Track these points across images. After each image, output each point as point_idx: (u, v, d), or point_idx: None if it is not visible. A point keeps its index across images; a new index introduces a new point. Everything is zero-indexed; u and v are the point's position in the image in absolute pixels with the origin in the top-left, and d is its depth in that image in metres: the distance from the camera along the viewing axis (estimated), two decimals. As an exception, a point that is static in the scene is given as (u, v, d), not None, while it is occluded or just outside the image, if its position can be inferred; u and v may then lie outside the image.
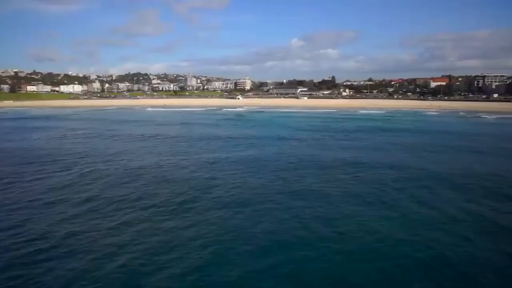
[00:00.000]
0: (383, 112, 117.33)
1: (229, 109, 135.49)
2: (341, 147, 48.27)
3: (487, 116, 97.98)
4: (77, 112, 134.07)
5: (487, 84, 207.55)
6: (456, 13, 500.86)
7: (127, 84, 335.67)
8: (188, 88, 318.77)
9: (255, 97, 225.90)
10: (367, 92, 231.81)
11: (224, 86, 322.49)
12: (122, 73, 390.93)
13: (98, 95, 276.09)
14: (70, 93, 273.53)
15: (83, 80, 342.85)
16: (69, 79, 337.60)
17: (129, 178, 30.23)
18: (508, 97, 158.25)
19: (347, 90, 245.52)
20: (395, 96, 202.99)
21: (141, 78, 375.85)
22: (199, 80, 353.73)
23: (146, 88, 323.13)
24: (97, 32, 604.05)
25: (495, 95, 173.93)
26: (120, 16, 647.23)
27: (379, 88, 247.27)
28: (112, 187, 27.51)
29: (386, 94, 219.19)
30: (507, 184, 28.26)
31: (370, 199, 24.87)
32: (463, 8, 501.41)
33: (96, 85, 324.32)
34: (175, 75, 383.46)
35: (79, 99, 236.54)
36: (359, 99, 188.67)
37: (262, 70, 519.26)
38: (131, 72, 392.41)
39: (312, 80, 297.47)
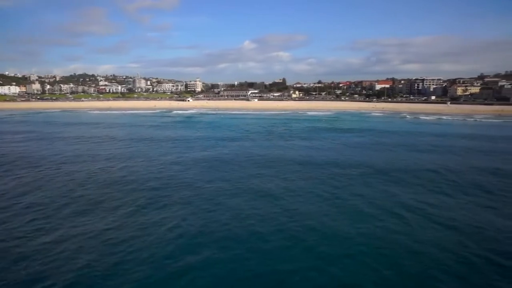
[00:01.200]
0: (330, 113, 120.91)
1: (178, 112, 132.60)
2: (289, 147, 49.41)
3: (425, 117, 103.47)
4: (12, 114, 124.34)
5: (426, 87, 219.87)
6: (399, 20, 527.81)
7: (72, 85, 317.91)
8: (137, 90, 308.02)
9: (205, 99, 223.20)
10: (316, 94, 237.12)
11: (175, 88, 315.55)
12: (67, 74, 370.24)
13: (38, 97, 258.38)
14: (5, 95, 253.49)
15: (22, 81, 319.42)
16: (6, 80, 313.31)
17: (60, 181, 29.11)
18: (444, 99, 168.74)
19: (297, 92, 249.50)
20: (343, 98, 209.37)
21: (87, 79, 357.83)
22: (149, 82, 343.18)
23: (92, 90, 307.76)
24: (38, 30, 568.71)
25: (433, 97, 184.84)
26: (64, 13, 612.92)
27: (328, 90, 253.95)
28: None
29: (334, 96, 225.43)
30: (440, 177, 31.28)
31: (310, 193, 25.99)
32: (406, 16, 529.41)
33: (36, 86, 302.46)
34: (124, 77, 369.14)
35: (16, 101, 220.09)
36: (308, 101, 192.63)
37: (214, 72, 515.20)
38: (77, 73, 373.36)
39: (263, 82, 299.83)
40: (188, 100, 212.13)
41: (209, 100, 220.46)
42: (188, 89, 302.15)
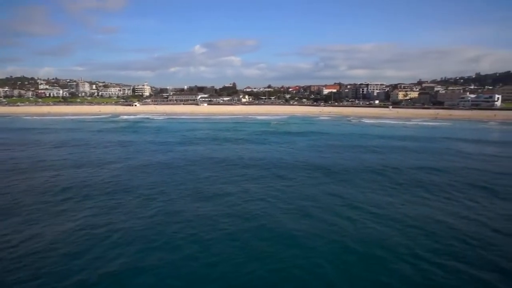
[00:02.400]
0: (279, 117, 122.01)
1: (125, 117, 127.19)
2: (236, 150, 48.88)
3: (369, 121, 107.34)
4: None
5: (370, 91, 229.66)
6: (346, 27, 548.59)
7: (7, 89, 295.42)
8: (80, 94, 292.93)
9: (153, 104, 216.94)
10: (265, 98, 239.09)
11: (121, 92, 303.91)
12: (3, 76, 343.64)
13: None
14: None
15: None
16: None
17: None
18: (386, 103, 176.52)
19: (246, 97, 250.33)
20: (291, 102, 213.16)
21: (26, 82, 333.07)
22: (94, 86, 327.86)
23: (30, 94, 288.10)
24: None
25: (376, 101, 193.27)
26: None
27: (277, 95, 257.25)
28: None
29: (283, 100, 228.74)
30: (383, 175, 32.56)
31: (255, 195, 26.01)
32: (352, 23, 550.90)
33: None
34: (68, 80, 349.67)
35: None
36: (257, 105, 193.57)
37: (165, 76, 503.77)
38: (14, 76, 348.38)
39: (213, 87, 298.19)
40: (135, 105, 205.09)
41: (157, 105, 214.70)
42: (136, 94, 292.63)
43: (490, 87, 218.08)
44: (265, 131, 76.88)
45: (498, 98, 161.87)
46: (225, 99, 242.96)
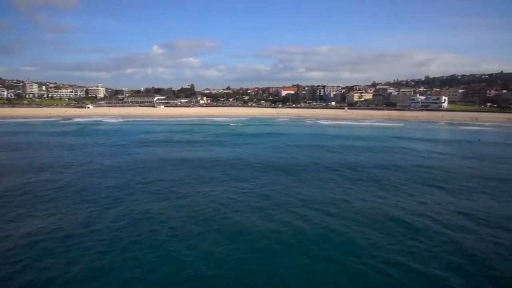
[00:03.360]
0: (236, 119, 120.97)
1: (78, 119, 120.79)
2: (192, 151, 48.19)
3: (325, 122, 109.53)
4: None
5: (327, 93, 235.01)
6: (304, 30, 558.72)
7: None
8: (27, 96, 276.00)
9: (107, 106, 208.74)
10: (223, 100, 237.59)
11: (74, 94, 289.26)
12: None
13: None
14: None
15: None
16: None
17: None
18: (342, 105, 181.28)
19: (204, 98, 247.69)
20: (250, 104, 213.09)
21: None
22: (44, 87, 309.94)
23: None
24: None
25: (333, 103, 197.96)
26: None
27: (236, 96, 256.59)
28: None
29: (242, 102, 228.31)
30: (338, 172, 32.83)
31: (210, 195, 25.60)
32: (310, 26, 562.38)
33: None
34: (14, 81, 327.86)
35: None
36: (215, 107, 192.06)
37: (121, 77, 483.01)
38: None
39: (171, 88, 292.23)
40: (88, 107, 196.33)
41: (111, 107, 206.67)
42: (89, 95, 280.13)
43: (437, 89, 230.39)
44: (223, 133, 76.24)
45: (445, 99, 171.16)
46: (183, 101, 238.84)
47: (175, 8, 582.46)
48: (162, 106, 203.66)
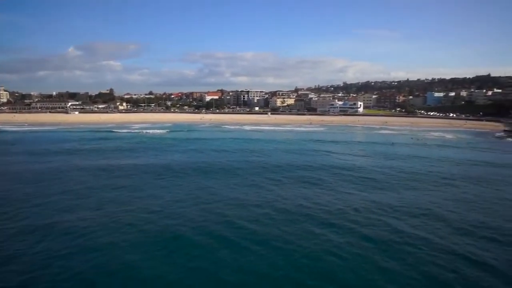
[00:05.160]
0: (159, 125, 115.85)
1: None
2: (103, 160, 46.50)
3: (248, 127, 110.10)
4: None
5: (251, 98, 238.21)
6: (229, 35, 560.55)
7: None
8: None
9: (10, 112, 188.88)
10: (144, 105, 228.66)
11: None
12: None
13: None
14: None
15: None
16: None
17: None
18: (266, 110, 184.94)
19: (124, 104, 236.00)
20: (173, 110, 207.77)
21: None
22: None
23: None
24: None
25: (256, 108, 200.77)
26: None
27: (159, 101, 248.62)
28: None
29: (164, 107, 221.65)
30: (256, 172, 34.00)
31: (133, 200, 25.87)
32: (236, 31, 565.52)
33: None
34: None
35: None
36: (135, 113, 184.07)
37: (32, 80, 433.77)
38: None
39: (88, 93, 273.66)
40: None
41: (16, 113, 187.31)
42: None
43: (354, 95, 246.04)
44: (142, 141, 72.70)
45: (360, 105, 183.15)
46: (100, 106, 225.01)
47: (91, 9, 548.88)
48: (77, 112, 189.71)
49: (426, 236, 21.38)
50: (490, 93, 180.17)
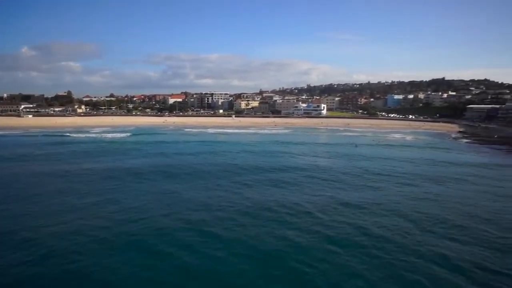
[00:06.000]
0: (120, 129, 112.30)
1: None
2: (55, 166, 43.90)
3: (212, 130, 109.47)
4: None
5: (215, 100, 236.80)
6: (194, 37, 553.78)
7: None
8: None
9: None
10: (105, 108, 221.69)
11: None
12: None
13: None
14: None
15: None
16: None
17: None
18: (230, 112, 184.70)
19: (83, 107, 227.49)
20: (134, 113, 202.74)
21: None
22: None
23: None
24: None
25: (221, 111, 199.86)
26: None
27: (120, 104, 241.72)
28: None
29: (126, 110, 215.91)
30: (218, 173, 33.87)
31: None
32: (200, 33, 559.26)
33: None
34: None
35: None
36: (95, 116, 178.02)
37: None
38: None
39: (43, 95, 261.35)
40: None
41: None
42: None
43: (317, 97, 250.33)
44: (100, 145, 69.85)
45: (323, 107, 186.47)
46: (56, 109, 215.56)
47: (47, 7, 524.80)
48: (31, 116, 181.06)
49: (387, 233, 22.32)
50: (445, 95, 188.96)
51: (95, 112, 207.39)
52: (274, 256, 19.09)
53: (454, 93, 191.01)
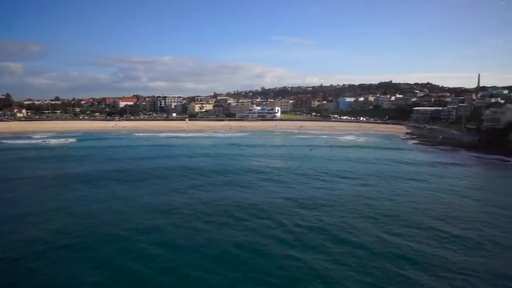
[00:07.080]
0: (66, 134, 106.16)
1: None
2: None
3: (163, 134, 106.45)
4: None
5: (168, 104, 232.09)
6: (145, 39, 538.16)
7: None
8: None
9: None
10: (48, 113, 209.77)
11: None
12: None
13: None
14: None
15: None
16: None
17: None
18: (183, 116, 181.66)
19: (23, 111, 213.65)
20: (81, 117, 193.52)
21: None
22: None
23: None
24: None
25: (174, 114, 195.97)
26: None
27: (66, 108, 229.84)
28: None
29: (72, 114, 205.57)
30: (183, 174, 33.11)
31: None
32: (151, 35, 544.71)
33: None
34: None
35: None
36: (37, 121, 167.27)
37: None
38: None
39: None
40: None
41: None
42: None
43: (272, 100, 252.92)
44: (41, 153, 65.23)
45: (278, 110, 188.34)
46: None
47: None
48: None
49: (340, 231, 23.25)
50: (393, 98, 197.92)
51: (37, 117, 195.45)
52: (230, 258, 19.19)
53: (401, 96, 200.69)
